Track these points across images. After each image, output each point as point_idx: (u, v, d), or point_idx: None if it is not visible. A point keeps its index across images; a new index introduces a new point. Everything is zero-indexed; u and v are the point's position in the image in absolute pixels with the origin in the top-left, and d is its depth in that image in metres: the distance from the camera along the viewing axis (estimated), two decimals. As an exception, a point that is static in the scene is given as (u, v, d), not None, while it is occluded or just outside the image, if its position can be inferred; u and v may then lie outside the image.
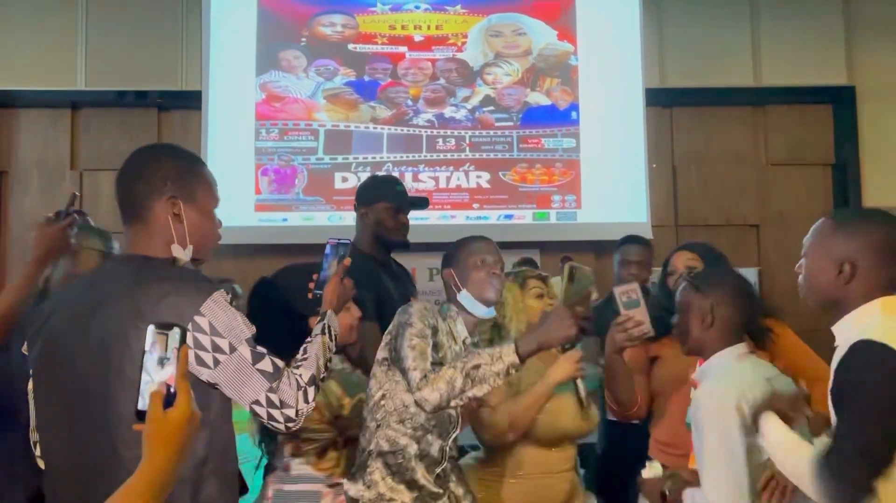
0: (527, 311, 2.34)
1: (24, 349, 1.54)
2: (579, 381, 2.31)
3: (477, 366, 1.77)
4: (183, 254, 1.50)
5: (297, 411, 1.41)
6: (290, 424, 1.41)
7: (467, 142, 5.20)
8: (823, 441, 1.52)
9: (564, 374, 2.23)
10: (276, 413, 1.40)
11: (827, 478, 1.41)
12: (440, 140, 5.20)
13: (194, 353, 1.36)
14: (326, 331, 1.61)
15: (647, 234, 5.15)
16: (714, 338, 1.82)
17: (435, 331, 1.94)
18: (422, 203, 2.87)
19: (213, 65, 5.11)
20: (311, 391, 1.45)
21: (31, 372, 1.52)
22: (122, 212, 1.51)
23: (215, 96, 5.10)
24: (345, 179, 5.10)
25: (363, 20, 5.26)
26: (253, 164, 5.09)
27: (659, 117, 5.40)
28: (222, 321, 1.38)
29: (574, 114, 5.25)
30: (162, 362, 1.07)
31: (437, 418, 1.98)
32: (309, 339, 1.58)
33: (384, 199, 2.65)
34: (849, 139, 5.39)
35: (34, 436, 1.55)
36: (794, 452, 1.52)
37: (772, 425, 1.56)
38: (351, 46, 5.24)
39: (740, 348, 1.81)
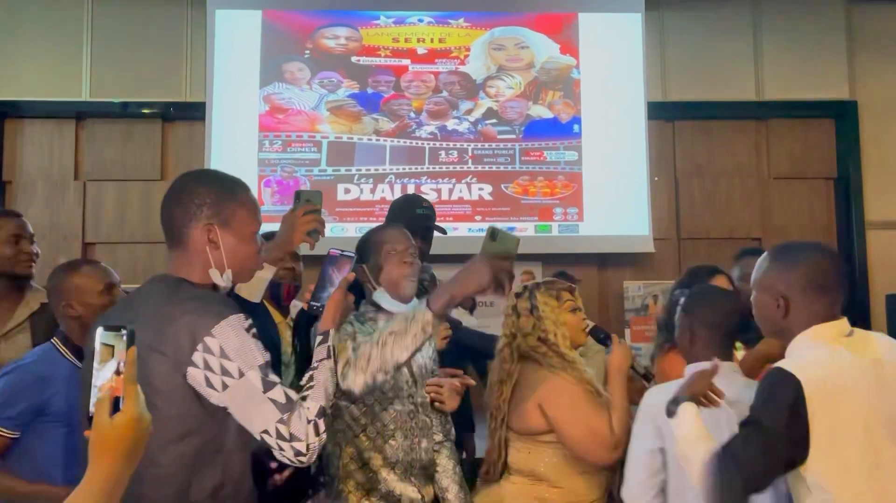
0: (565, 325, 2.16)
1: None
2: None
3: (392, 333, 1.68)
4: (221, 278, 1.49)
5: (307, 445, 1.38)
6: (300, 458, 1.38)
7: (470, 154, 5.22)
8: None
9: (621, 364, 2.08)
10: (285, 446, 1.37)
11: (711, 475, 1.50)
12: (443, 152, 5.22)
13: (204, 375, 1.35)
14: (331, 353, 1.55)
15: (649, 246, 5.16)
16: (696, 354, 1.91)
17: (354, 337, 1.82)
18: (439, 230, 2.82)
19: (216, 76, 5.15)
20: (320, 423, 1.42)
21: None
22: (165, 236, 1.53)
23: (219, 108, 5.13)
24: (347, 191, 5.11)
25: (367, 33, 5.29)
26: (256, 175, 5.10)
27: (661, 130, 5.41)
28: (233, 345, 1.37)
29: (576, 127, 5.27)
30: (112, 366, 1.04)
31: (397, 422, 1.91)
32: (314, 365, 1.52)
33: (398, 220, 2.61)
34: (851, 153, 5.40)
35: None
36: (694, 445, 1.59)
37: (687, 417, 1.62)
38: (354, 59, 5.27)
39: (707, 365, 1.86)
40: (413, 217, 2.71)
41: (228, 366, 1.35)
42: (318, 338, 1.59)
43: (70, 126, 5.26)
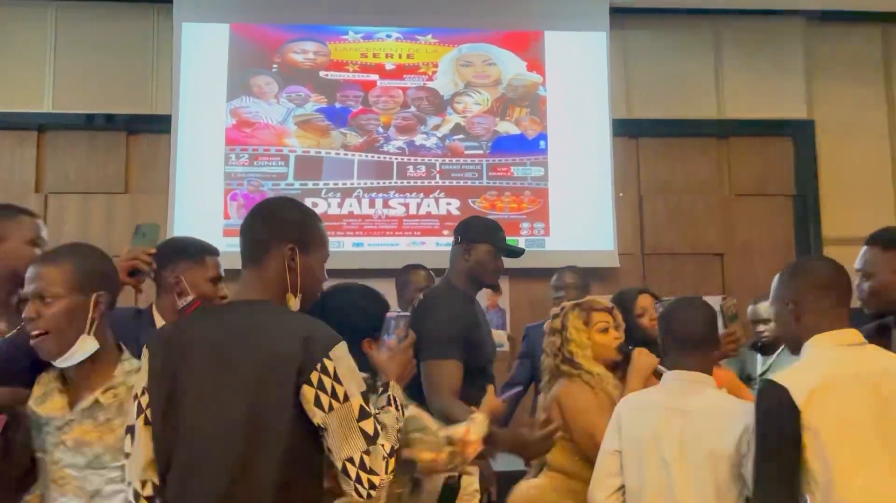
0: (593, 347, 2.34)
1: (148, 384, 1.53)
2: None
3: None
4: (295, 301, 1.55)
5: (380, 480, 1.44)
6: (372, 491, 1.43)
7: (438, 169, 5.25)
8: None
9: (642, 365, 2.31)
10: (363, 477, 1.42)
11: None
12: (411, 167, 5.24)
13: (315, 393, 1.41)
14: (393, 402, 1.60)
15: (614, 261, 5.23)
16: (671, 363, 2.06)
17: None
18: (520, 252, 2.87)
19: (183, 89, 5.11)
20: (391, 463, 1.47)
21: (149, 401, 1.50)
22: (243, 256, 1.58)
23: (185, 121, 5.09)
24: (315, 205, 5.09)
25: (335, 48, 5.31)
26: (222, 188, 5.07)
27: (626, 147, 5.50)
28: (345, 369, 1.44)
29: (542, 143, 5.33)
30: None
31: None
32: (376, 411, 1.55)
33: (489, 241, 2.63)
34: (809, 171, 5.53)
35: (146, 473, 1.50)
36: None
37: None
38: (322, 73, 5.27)
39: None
40: (499, 239, 2.67)
41: (338, 390, 1.42)
42: (381, 389, 1.64)
43: (31, 138, 5.17)
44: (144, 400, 1.51)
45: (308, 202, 5.07)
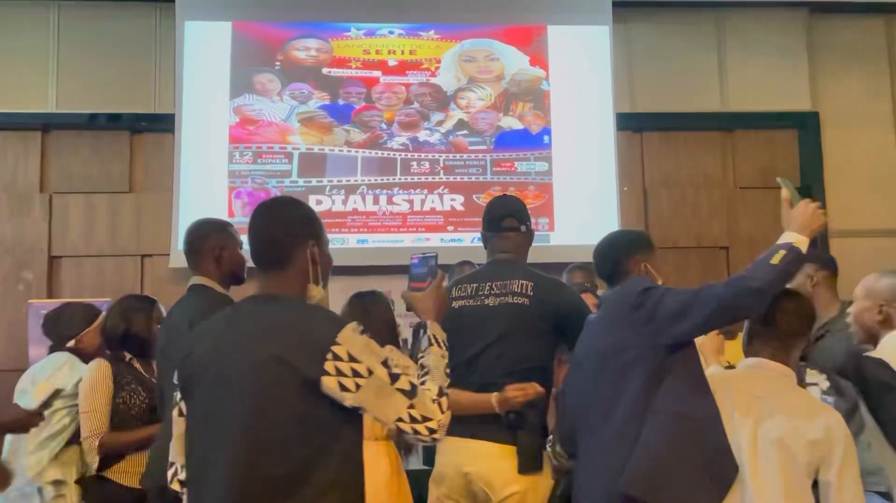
0: None
1: (175, 378, 1.66)
2: None
3: None
4: (319, 290, 1.66)
5: (438, 422, 1.53)
6: (434, 435, 1.53)
7: (441, 165, 5.24)
8: None
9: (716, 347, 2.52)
10: (420, 427, 1.51)
11: None
12: (414, 163, 5.23)
13: (337, 381, 1.47)
14: (434, 341, 1.70)
15: (619, 256, 5.22)
16: (753, 350, 2.06)
17: None
18: None
19: (186, 87, 5.11)
20: (443, 402, 1.56)
21: (178, 399, 1.65)
22: (262, 258, 1.65)
23: (188, 119, 5.09)
24: (319, 202, 5.10)
25: (337, 45, 5.30)
26: (226, 186, 5.07)
27: (629, 141, 5.49)
28: (357, 347, 1.50)
29: (546, 138, 5.32)
30: None
31: None
32: (421, 354, 1.68)
33: None
34: (813, 163, 5.52)
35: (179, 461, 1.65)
36: None
37: None
38: (325, 70, 5.27)
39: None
40: None
41: (358, 368, 1.48)
42: (422, 331, 1.77)
43: (35, 138, 5.18)
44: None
45: (312, 199, 5.09)
